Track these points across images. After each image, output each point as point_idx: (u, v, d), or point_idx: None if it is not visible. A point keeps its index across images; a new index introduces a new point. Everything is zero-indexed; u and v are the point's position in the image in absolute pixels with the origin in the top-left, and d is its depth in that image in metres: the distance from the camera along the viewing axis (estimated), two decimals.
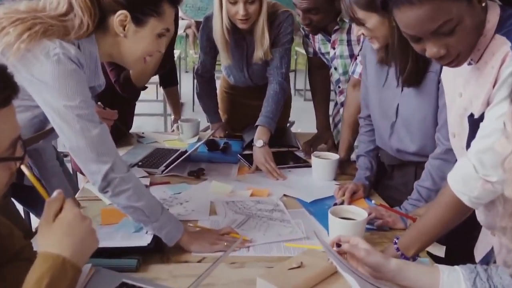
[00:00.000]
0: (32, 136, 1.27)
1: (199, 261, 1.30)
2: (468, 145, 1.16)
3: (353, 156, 2.12)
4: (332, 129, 2.44)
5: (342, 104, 2.24)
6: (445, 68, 1.31)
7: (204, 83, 2.44)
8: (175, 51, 5.50)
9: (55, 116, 1.18)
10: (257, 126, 2.07)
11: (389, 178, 1.83)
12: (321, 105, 2.41)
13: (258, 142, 1.99)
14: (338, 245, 1.13)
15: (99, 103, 1.75)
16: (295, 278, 1.17)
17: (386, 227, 1.51)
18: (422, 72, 1.49)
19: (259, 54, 2.10)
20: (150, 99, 5.48)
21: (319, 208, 1.65)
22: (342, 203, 1.67)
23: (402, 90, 1.59)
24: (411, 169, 1.60)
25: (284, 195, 1.76)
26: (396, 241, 1.25)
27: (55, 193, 0.88)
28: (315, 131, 2.40)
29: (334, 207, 1.44)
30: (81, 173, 2.34)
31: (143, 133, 2.53)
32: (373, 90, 1.71)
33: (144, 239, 1.29)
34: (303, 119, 3.29)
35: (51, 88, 1.15)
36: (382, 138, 1.75)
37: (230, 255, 1.30)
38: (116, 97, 2.17)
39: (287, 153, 2.24)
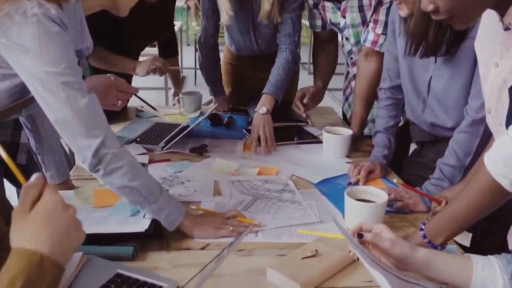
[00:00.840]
0: (8, 107, 1.13)
1: (202, 248, 1.17)
2: (508, 122, 1.02)
3: (366, 131, 1.98)
4: (342, 103, 2.29)
5: (354, 77, 2.09)
6: (479, 35, 1.16)
7: (207, 52, 2.27)
8: (176, 22, 5.36)
9: (37, 85, 1.04)
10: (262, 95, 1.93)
11: (419, 155, 1.70)
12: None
13: (261, 109, 1.85)
14: (360, 236, 1.00)
15: (108, 74, 1.62)
16: (310, 268, 1.05)
17: (406, 210, 1.39)
18: (458, 40, 1.35)
19: (265, 7, 1.92)
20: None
21: (332, 188, 1.52)
22: (357, 183, 1.54)
23: (435, 61, 1.45)
24: (446, 146, 1.46)
25: (293, 175, 1.63)
26: (423, 227, 1.12)
27: (33, 177, 0.75)
28: (320, 104, 2.26)
29: (350, 187, 1.31)
30: None
31: (142, 106, 2.38)
32: (403, 60, 1.56)
33: (141, 224, 1.16)
34: None
35: (31, 53, 1.00)
36: (415, 112, 1.61)
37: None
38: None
39: (295, 128, 2.10)
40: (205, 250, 1.17)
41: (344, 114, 2.30)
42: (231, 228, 1.21)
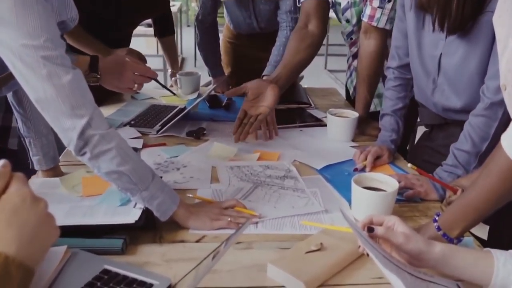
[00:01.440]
0: None
1: (198, 241, 1.09)
2: None
3: (371, 107, 1.87)
4: (346, 77, 2.17)
5: (354, 56, 1.98)
6: (499, 8, 1.05)
7: (205, 30, 2.17)
8: (175, 3, 5.20)
9: (15, 60, 0.94)
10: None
11: (428, 139, 1.60)
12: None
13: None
14: (370, 229, 0.91)
15: (123, 48, 1.51)
16: (315, 264, 0.96)
17: (417, 198, 1.30)
18: (475, 14, 1.24)
19: None
20: (150, 53, 5.19)
21: (337, 175, 1.42)
22: (363, 169, 1.45)
23: (446, 37, 1.34)
24: (457, 129, 1.36)
25: (295, 160, 1.54)
26: (437, 218, 1.03)
27: None
28: (323, 86, 2.15)
29: (357, 175, 1.22)
30: None
31: None
32: (413, 36, 1.45)
33: (131, 214, 1.07)
34: (308, 75, 3.01)
35: (7, 24, 0.90)
36: (424, 93, 1.50)
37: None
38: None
39: (297, 110, 2.00)
40: (201, 242, 1.08)
41: (347, 91, 2.19)
42: (229, 219, 1.12)
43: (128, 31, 2.13)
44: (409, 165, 1.27)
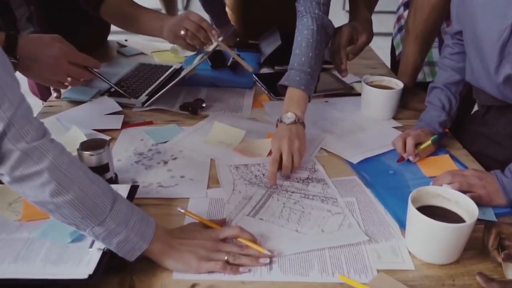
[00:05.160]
0: None
1: None
2: None
3: (419, 76, 1.47)
4: (393, 34, 1.75)
5: (407, 5, 1.55)
6: None
7: None
8: None
9: None
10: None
11: (482, 123, 1.20)
12: None
13: (286, 117, 1.10)
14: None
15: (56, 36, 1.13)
16: None
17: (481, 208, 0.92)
18: None
19: None
20: None
21: (378, 175, 1.05)
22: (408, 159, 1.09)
23: None
24: None
25: (322, 148, 1.17)
26: None
27: None
28: None
29: (416, 190, 0.84)
30: (42, 98, 1.76)
31: (126, 40, 1.88)
32: None
33: (85, 263, 0.72)
34: None
35: None
36: (480, 71, 1.09)
37: (238, 278, 0.75)
38: None
39: (320, 74, 1.59)
40: None
41: (393, 49, 1.76)
42: (225, 258, 0.77)
43: None
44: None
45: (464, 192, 0.88)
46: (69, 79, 1.15)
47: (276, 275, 0.77)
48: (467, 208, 0.82)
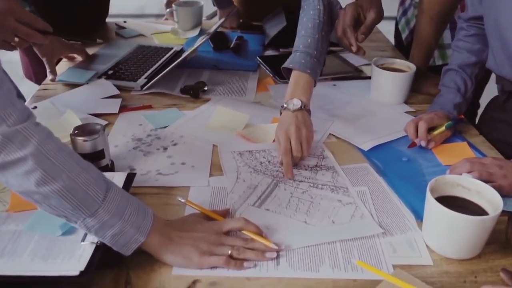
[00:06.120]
0: None
1: None
2: None
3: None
4: (398, 17, 1.67)
5: None
6: None
7: None
8: None
9: None
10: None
11: (502, 109, 1.14)
12: None
13: (291, 103, 1.02)
14: None
15: None
16: None
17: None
18: None
19: None
20: None
21: (392, 161, 0.99)
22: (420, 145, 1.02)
23: None
24: None
25: (331, 134, 1.10)
26: None
27: None
28: None
29: (434, 179, 0.78)
30: (37, 82, 1.69)
31: (125, 21, 1.81)
32: None
33: (76, 257, 0.66)
34: None
35: None
36: (507, 44, 1.02)
37: (243, 274, 0.70)
38: None
39: (328, 55, 1.52)
40: None
41: (397, 33, 1.69)
42: (229, 253, 0.71)
43: None
44: None
45: (484, 182, 0.82)
46: (16, 39, 1.07)
47: (283, 271, 0.71)
48: (490, 199, 0.76)
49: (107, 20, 1.82)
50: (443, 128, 1.04)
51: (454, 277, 0.71)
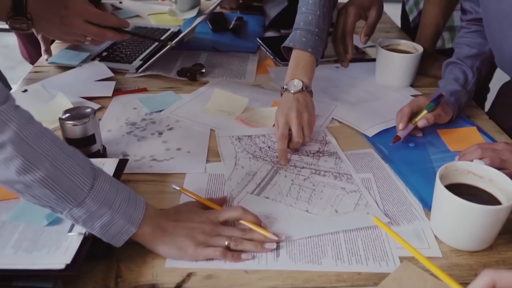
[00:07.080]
0: None
1: (179, 285, 0.64)
2: None
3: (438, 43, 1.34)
4: (402, 10, 1.61)
5: None
6: None
7: None
8: None
9: None
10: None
11: (510, 95, 1.08)
12: None
13: (292, 84, 0.97)
14: None
15: None
16: None
17: None
18: None
19: None
20: None
21: (397, 147, 0.94)
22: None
23: None
24: None
25: (334, 118, 1.06)
26: None
27: None
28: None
29: (444, 166, 0.74)
30: (32, 62, 1.64)
31: (120, 2, 1.76)
32: None
33: (62, 249, 0.62)
34: None
35: None
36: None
37: (240, 266, 0.66)
38: None
39: (330, 37, 1.46)
40: (186, 285, 0.64)
41: (404, 15, 1.63)
42: (225, 244, 0.67)
43: None
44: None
45: (496, 169, 0.78)
46: (88, 38, 1.02)
47: (284, 263, 0.67)
48: (503, 187, 0.71)
49: (103, 1, 1.77)
50: (424, 111, 0.97)
51: (465, 270, 0.67)
